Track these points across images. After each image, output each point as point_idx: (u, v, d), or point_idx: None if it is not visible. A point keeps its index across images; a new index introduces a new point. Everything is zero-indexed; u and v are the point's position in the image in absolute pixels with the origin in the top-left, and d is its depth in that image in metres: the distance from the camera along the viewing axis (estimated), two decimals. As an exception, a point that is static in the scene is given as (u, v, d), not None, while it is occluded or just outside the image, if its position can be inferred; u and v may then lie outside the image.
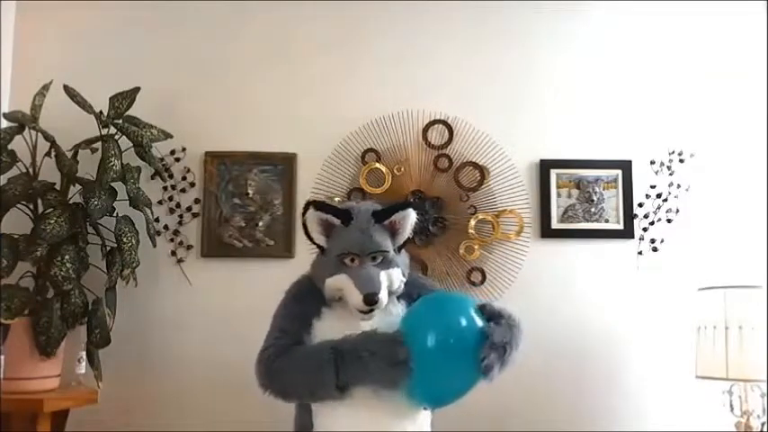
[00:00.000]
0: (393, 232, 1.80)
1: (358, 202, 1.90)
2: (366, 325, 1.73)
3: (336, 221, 1.76)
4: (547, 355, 2.50)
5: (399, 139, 2.62)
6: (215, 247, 2.56)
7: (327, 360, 1.64)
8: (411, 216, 1.81)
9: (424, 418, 1.79)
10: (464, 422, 2.01)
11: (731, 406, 2.25)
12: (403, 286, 1.81)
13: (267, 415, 2.42)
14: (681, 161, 2.64)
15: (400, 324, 1.74)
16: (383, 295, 1.70)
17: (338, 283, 1.73)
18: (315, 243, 1.80)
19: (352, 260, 1.73)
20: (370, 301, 1.67)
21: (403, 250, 1.86)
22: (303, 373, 1.68)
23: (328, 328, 1.74)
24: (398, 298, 1.82)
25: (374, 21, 2.70)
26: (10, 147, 2.28)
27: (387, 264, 1.75)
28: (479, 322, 1.69)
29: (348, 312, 1.74)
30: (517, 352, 1.68)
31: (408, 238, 1.85)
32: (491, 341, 1.62)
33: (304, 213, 1.78)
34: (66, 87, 2.36)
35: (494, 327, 1.66)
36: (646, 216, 2.62)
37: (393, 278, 1.75)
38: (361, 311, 1.70)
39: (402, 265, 1.81)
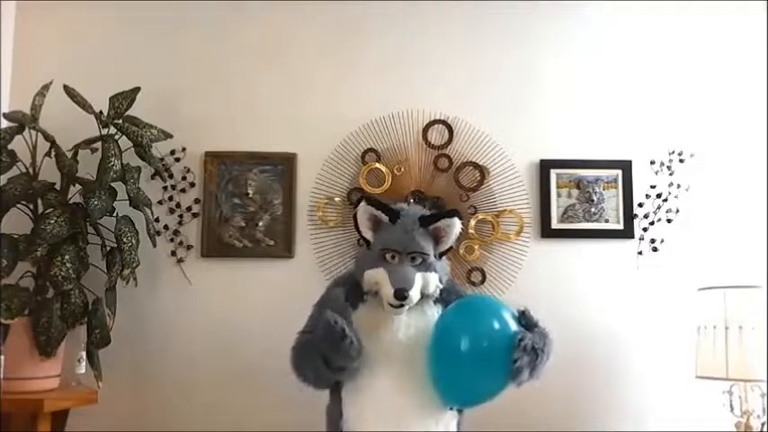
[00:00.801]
0: (437, 238, 1.89)
1: (409, 205, 1.98)
2: (399, 319, 1.78)
3: (385, 218, 1.87)
4: (547, 355, 2.50)
5: (399, 139, 2.62)
6: (215, 247, 2.56)
7: (313, 347, 1.74)
8: (456, 225, 1.89)
9: (450, 417, 1.82)
10: (463, 421, 2.01)
11: (731, 406, 2.25)
12: (439, 292, 1.88)
13: (267, 414, 2.42)
14: (681, 161, 2.64)
15: (434, 325, 1.81)
16: (414, 293, 1.77)
17: (376, 275, 1.82)
18: (362, 236, 1.92)
19: (393, 257, 1.83)
20: (400, 296, 1.74)
21: (444, 258, 1.93)
22: (308, 357, 1.77)
23: (362, 320, 1.81)
24: (435, 302, 1.87)
25: (374, 21, 2.70)
26: (10, 147, 2.28)
27: (425, 266, 1.84)
28: (513, 326, 1.72)
29: (382, 308, 1.82)
30: (548, 363, 1.73)
31: (451, 247, 1.93)
32: (524, 344, 1.69)
33: (356, 206, 1.90)
34: (66, 87, 2.36)
35: (528, 332, 1.73)
36: (646, 216, 2.62)
37: (429, 281, 1.84)
38: (392, 305, 1.78)
39: (441, 271, 1.89)
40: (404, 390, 1.76)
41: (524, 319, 1.79)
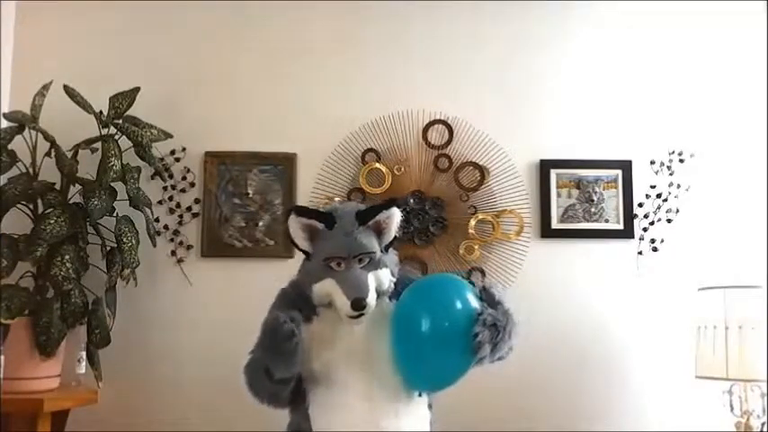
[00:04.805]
0: (379, 232, 1.76)
1: (342, 203, 1.88)
2: (357, 328, 1.72)
3: (320, 225, 1.72)
4: (546, 355, 2.50)
5: (399, 139, 2.62)
6: (215, 247, 2.56)
7: (259, 360, 1.70)
8: (396, 215, 1.77)
9: (423, 417, 1.79)
10: (464, 421, 2.01)
11: (731, 406, 2.25)
12: (393, 286, 1.78)
13: (267, 415, 2.42)
14: (681, 161, 2.64)
15: (393, 310, 1.73)
16: (371, 299, 1.67)
17: (326, 288, 1.70)
18: (300, 249, 1.77)
19: (339, 264, 1.69)
20: (358, 306, 1.64)
21: (391, 249, 1.81)
22: (257, 375, 1.74)
23: (318, 334, 1.73)
24: (390, 297, 1.80)
25: (374, 21, 2.70)
26: (10, 147, 2.29)
27: (374, 265, 1.72)
28: (474, 304, 1.67)
29: (337, 316, 1.71)
30: (509, 342, 1.67)
31: (396, 236, 1.80)
32: (483, 319, 1.62)
33: (285, 220, 1.75)
34: (66, 87, 2.35)
35: (489, 309, 1.65)
36: (646, 216, 2.62)
37: (382, 279, 1.73)
38: (350, 317, 1.67)
39: (391, 264, 1.78)
40: (373, 397, 1.69)
41: (485, 296, 1.70)
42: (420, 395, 1.76)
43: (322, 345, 1.72)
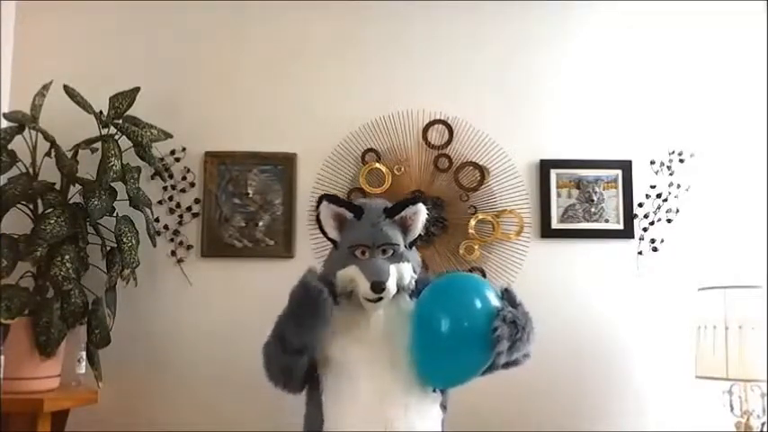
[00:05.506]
0: (405, 228, 1.85)
1: (372, 199, 1.95)
2: (376, 318, 1.76)
3: (349, 215, 1.82)
4: (547, 355, 2.49)
5: (399, 139, 2.62)
6: (215, 247, 2.56)
7: (277, 329, 1.76)
8: (422, 212, 1.86)
9: (435, 416, 1.80)
10: (464, 421, 2.01)
11: (731, 406, 2.25)
12: (414, 283, 1.84)
13: (268, 414, 2.42)
14: (681, 161, 2.64)
15: (415, 305, 1.79)
16: (391, 285, 1.74)
17: (349, 273, 1.77)
18: (327, 237, 1.86)
19: (363, 252, 1.78)
20: (378, 288, 1.71)
21: (414, 248, 1.90)
22: (272, 354, 1.78)
23: (337, 323, 1.78)
24: (410, 296, 1.84)
25: (374, 21, 2.70)
26: (10, 147, 2.28)
27: (397, 258, 1.80)
28: (495, 302, 1.71)
29: (357, 306, 1.78)
30: (527, 345, 1.72)
31: (420, 234, 1.89)
32: (504, 315, 1.67)
33: (317, 207, 1.84)
34: (66, 87, 2.35)
35: (509, 307, 1.72)
36: (646, 216, 2.62)
37: (403, 272, 1.80)
38: (369, 300, 1.74)
39: (413, 261, 1.86)
40: (385, 389, 1.73)
41: (506, 296, 1.77)
42: (434, 391, 1.79)
43: (339, 333, 1.77)
